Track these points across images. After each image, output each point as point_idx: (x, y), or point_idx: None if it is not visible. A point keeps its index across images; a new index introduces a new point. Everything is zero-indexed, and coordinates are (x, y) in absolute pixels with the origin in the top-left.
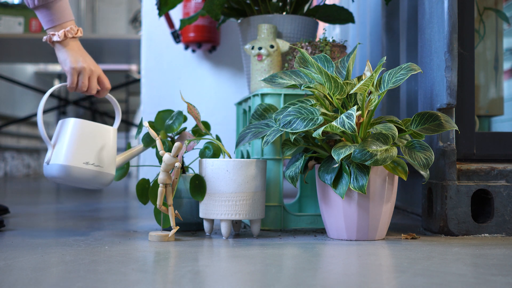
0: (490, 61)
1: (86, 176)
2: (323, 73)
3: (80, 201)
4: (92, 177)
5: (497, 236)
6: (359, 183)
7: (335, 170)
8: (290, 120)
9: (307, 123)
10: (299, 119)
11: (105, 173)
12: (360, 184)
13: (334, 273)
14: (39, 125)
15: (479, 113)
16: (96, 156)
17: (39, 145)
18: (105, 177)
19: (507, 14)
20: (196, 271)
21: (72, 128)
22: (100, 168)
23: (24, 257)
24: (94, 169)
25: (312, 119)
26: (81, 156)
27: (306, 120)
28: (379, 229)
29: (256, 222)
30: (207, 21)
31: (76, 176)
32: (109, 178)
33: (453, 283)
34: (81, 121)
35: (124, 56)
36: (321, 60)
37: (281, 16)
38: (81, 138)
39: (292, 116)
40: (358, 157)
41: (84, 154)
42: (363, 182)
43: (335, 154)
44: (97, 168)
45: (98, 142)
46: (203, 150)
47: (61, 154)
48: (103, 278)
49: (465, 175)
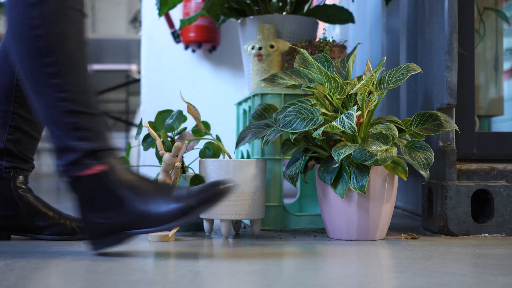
0: (490, 61)
1: None
2: (323, 73)
3: None
4: None
5: (497, 236)
6: (359, 183)
7: (335, 170)
8: (290, 120)
9: (307, 123)
10: (299, 119)
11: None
12: (360, 184)
13: (334, 273)
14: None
15: (479, 113)
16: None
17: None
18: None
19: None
20: (196, 271)
21: None
22: None
23: (24, 257)
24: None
25: (312, 119)
26: None
27: (306, 120)
28: (379, 229)
29: (256, 222)
30: (207, 21)
31: None
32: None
33: (453, 283)
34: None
35: (124, 56)
36: (321, 60)
37: (281, 16)
38: None
39: (292, 116)
40: (358, 157)
41: None
42: (363, 182)
43: (335, 154)
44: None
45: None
46: (203, 150)
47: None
48: (103, 278)
49: (465, 175)
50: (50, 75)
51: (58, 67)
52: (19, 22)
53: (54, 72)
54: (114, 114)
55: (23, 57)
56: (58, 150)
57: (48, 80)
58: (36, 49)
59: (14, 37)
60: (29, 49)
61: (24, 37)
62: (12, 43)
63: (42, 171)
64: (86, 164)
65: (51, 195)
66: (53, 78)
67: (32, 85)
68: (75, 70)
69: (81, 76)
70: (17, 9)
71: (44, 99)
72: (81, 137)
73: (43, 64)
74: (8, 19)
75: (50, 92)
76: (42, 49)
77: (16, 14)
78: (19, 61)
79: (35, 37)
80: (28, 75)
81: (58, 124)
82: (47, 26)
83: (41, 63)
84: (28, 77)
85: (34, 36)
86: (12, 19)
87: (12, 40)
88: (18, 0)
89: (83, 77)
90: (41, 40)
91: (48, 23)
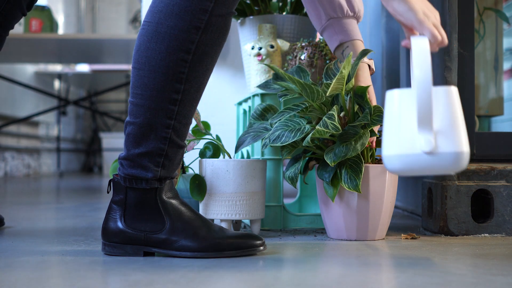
0: (490, 61)
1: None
2: (297, 82)
3: (80, 201)
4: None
5: (497, 236)
6: (353, 182)
7: (332, 170)
8: (278, 134)
9: (295, 134)
10: (287, 131)
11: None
12: (354, 184)
13: (334, 273)
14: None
15: (479, 113)
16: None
17: (39, 145)
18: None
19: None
20: (196, 271)
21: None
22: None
23: (24, 257)
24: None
25: (299, 129)
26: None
27: (293, 131)
28: (379, 229)
29: (256, 222)
30: None
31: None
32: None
33: (453, 283)
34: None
35: (124, 56)
36: (296, 72)
37: (281, 16)
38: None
39: (280, 130)
40: (338, 154)
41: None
42: (356, 181)
43: (327, 158)
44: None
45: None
46: (203, 150)
47: (453, 139)
48: (103, 278)
49: (465, 175)
50: (172, 101)
51: (183, 96)
52: (176, 38)
53: (177, 99)
54: (114, 114)
55: (159, 70)
56: (134, 162)
57: (166, 104)
58: (175, 72)
59: (161, 45)
60: (169, 67)
61: (171, 54)
62: (154, 46)
63: (42, 171)
64: (151, 183)
65: (51, 195)
66: (172, 104)
67: (150, 98)
68: (194, 102)
69: (194, 109)
70: (181, 24)
71: (152, 116)
72: (161, 164)
73: (172, 88)
74: (165, 24)
75: (161, 115)
76: (180, 75)
77: (177, 30)
78: (150, 67)
79: (181, 61)
80: (152, 86)
81: (149, 144)
82: (197, 55)
83: (171, 86)
84: (149, 87)
85: (181, 59)
86: (170, 28)
87: (156, 44)
88: (186, 15)
89: (194, 109)
90: (184, 66)
91: (199, 52)
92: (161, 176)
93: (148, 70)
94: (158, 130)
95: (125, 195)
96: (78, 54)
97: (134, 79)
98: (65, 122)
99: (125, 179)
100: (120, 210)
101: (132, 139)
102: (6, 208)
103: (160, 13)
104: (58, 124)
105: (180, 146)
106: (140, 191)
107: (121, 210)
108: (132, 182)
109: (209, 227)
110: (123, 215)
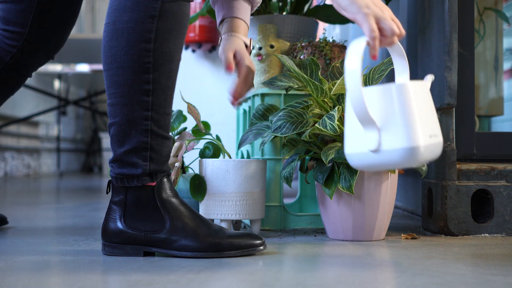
0: (490, 61)
1: (434, 152)
2: (302, 78)
3: (80, 201)
4: (438, 151)
5: (497, 236)
6: (347, 183)
7: (328, 170)
8: (280, 124)
9: (296, 127)
10: (289, 122)
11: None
12: (348, 185)
13: (334, 273)
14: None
15: (479, 113)
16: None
17: (39, 145)
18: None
19: (507, 14)
20: (196, 271)
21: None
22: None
23: (24, 257)
24: (438, 140)
25: (302, 122)
26: (425, 129)
27: (295, 124)
28: (376, 230)
29: (256, 222)
30: (207, 21)
31: (424, 157)
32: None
33: (453, 283)
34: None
35: None
36: (309, 64)
37: (281, 16)
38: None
39: (283, 120)
40: (336, 157)
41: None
42: (350, 182)
43: (323, 155)
44: (439, 138)
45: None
46: (203, 150)
47: (400, 135)
48: (103, 278)
49: (465, 175)
50: (144, 92)
51: (154, 85)
52: (134, 30)
53: (149, 90)
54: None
55: (125, 64)
56: (122, 161)
57: (140, 96)
58: (140, 63)
59: (121, 40)
60: (134, 60)
61: (132, 47)
62: (115, 44)
63: (42, 171)
64: (142, 180)
65: (51, 195)
66: (146, 95)
67: (123, 95)
68: (167, 91)
69: (169, 97)
70: (136, 16)
71: (128, 112)
72: (148, 157)
73: (141, 80)
74: (121, 20)
75: (137, 108)
76: (146, 65)
77: (133, 23)
78: (117, 64)
79: (144, 51)
80: (122, 82)
81: (132, 140)
82: (158, 42)
83: (140, 77)
84: (120, 84)
85: (143, 49)
86: (126, 23)
87: (117, 41)
88: (139, 6)
89: (170, 99)
90: (148, 56)
91: (160, 40)
92: (151, 170)
93: (115, 68)
94: (138, 124)
95: (125, 195)
96: (78, 54)
97: (106, 80)
98: (65, 122)
99: (116, 179)
100: (120, 210)
101: (116, 139)
102: (6, 208)
103: (115, 11)
104: (58, 124)
105: (164, 137)
106: (137, 190)
107: (121, 210)
108: (123, 181)
109: (209, 227)
110: (122, 215)
